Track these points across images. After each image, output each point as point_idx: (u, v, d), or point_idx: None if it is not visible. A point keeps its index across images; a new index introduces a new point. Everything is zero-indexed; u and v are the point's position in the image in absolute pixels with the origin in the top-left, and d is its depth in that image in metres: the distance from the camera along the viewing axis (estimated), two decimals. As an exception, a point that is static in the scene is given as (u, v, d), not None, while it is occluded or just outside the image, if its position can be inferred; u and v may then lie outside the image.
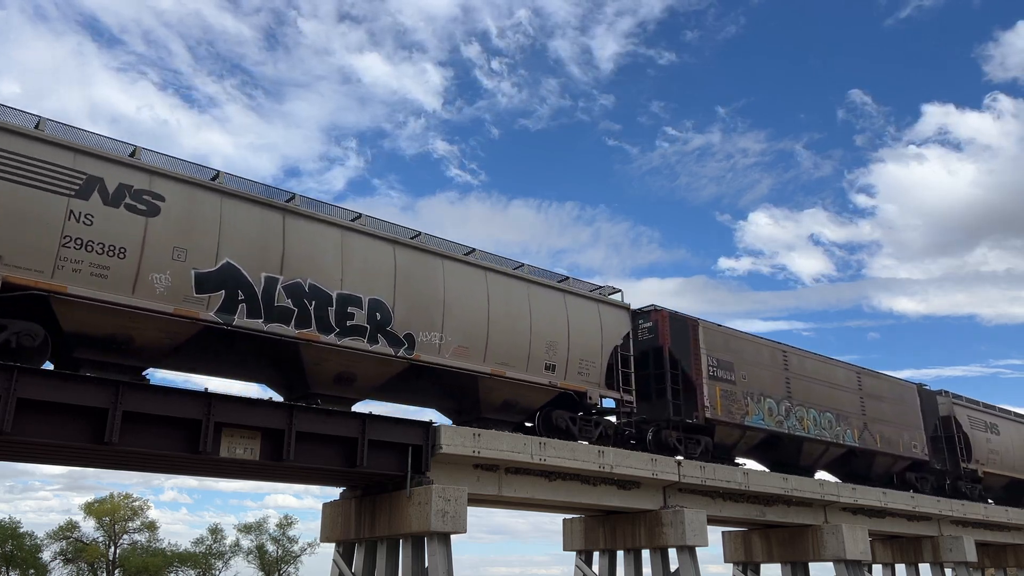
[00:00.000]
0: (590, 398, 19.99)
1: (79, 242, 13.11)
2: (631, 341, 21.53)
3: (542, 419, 19.62)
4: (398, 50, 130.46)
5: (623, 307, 21.71)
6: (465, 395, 18.74)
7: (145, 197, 14.05)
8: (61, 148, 13.34)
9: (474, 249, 19.09)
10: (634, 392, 21.00)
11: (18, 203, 12.66)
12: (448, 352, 17.44)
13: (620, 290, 22.05)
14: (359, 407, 16.91)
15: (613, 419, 21.17)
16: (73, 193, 13.21)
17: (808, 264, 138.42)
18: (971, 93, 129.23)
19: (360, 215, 17.43)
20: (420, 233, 18.22)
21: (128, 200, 13.83)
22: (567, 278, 21.00)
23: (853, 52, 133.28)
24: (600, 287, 21.81)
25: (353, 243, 16.68)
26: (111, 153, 14.02)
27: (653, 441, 21.98)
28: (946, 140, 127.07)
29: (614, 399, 20.84)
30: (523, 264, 20.09)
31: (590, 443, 19.84)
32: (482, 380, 18.14)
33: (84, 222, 13.20)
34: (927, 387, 31.41)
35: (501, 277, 19.04)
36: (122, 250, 13.55)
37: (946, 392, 32.31)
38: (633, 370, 21.24)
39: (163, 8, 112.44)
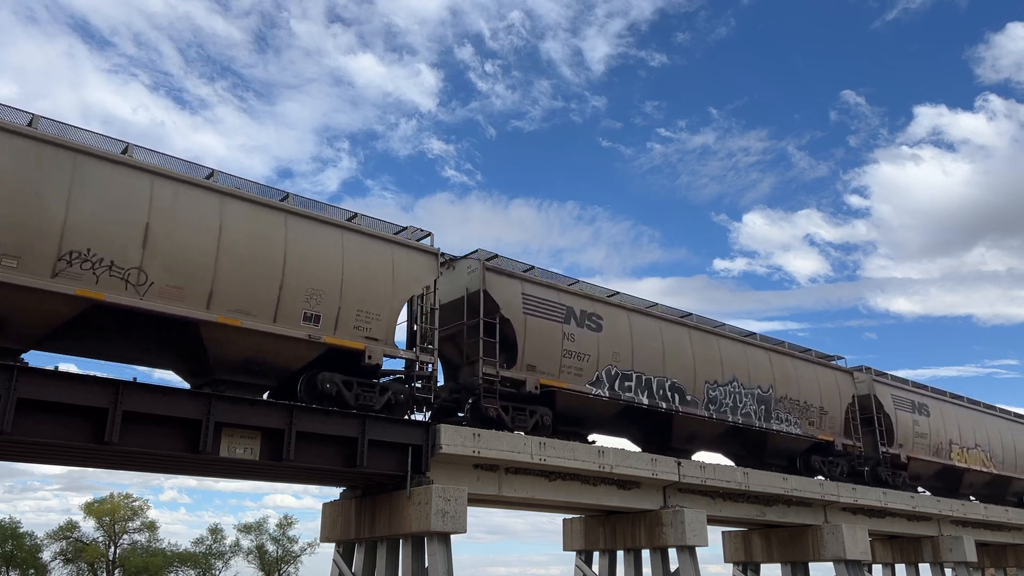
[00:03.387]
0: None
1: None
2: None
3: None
4: (388, 52, 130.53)
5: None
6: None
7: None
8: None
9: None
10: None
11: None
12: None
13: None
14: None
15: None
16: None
17: (804, 264, 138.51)
18: (963, 94, 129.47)
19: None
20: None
21: None
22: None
23: (843, 54, 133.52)
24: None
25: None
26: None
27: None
28: (939, 141, 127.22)
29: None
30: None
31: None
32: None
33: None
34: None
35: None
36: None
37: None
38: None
39: (153, 11, 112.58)
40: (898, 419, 28.88)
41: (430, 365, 17.46)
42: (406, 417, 16.99)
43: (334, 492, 19.36)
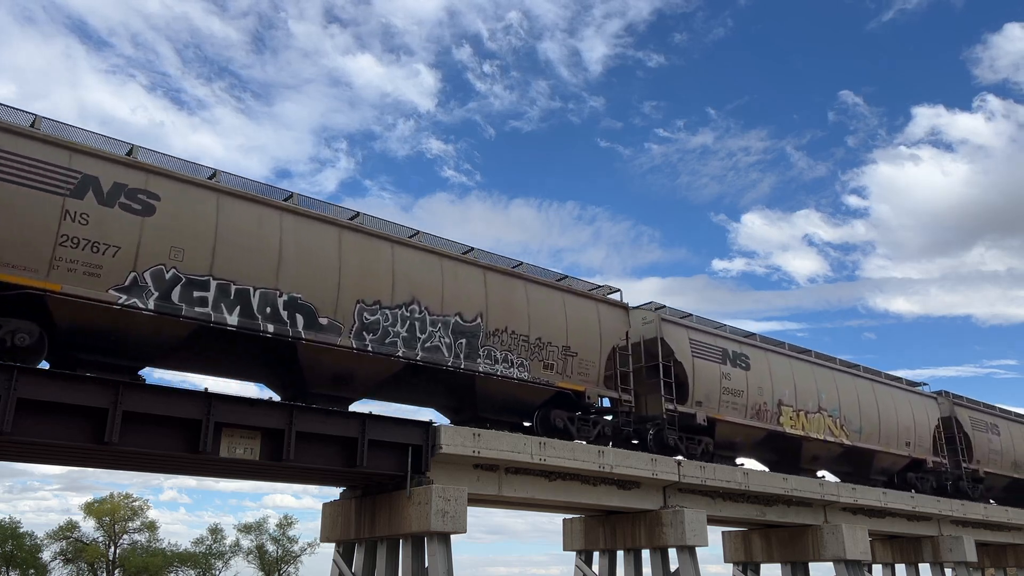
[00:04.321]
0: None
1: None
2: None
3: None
4: (385, 53, 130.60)
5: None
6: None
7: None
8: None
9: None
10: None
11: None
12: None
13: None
14: (356, 407, 16.92)
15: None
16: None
17: (803, 265, 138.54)
18: (961, 95, 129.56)
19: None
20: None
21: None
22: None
23: (840, 54, 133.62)
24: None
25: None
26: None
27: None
28: (938, 141, 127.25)
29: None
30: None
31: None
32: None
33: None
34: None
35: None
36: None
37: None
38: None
39: (150, 11, 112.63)
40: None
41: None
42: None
43: (334, 492, 19.41)
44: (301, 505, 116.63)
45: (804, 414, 25.56)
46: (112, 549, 58.64)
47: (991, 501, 33.74)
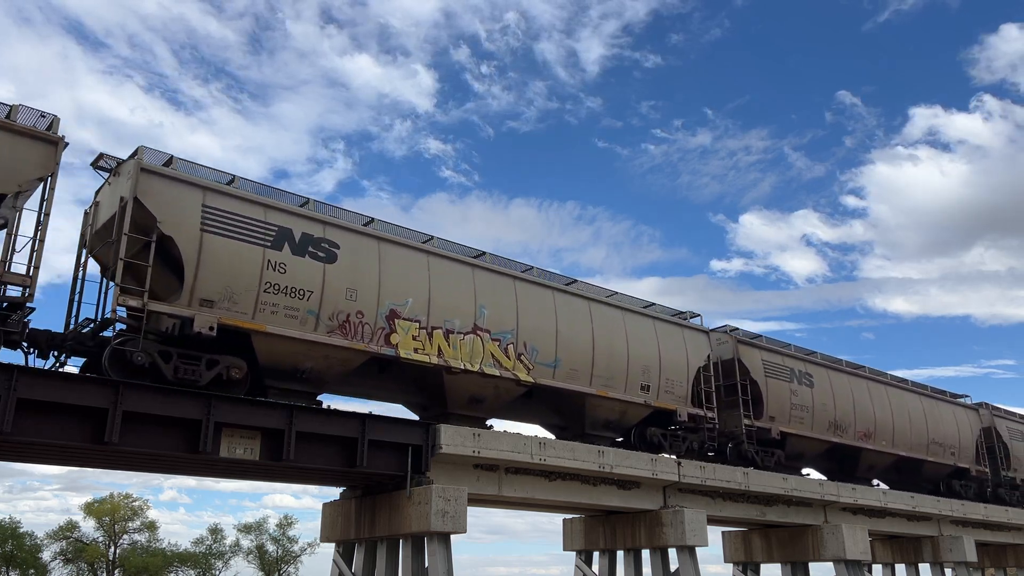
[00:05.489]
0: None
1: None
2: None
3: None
4: (382, 54, 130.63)
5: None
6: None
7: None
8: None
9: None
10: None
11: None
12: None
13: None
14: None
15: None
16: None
17: (801, 265, 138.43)
18: (958, 95, 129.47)
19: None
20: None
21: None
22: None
23: (838, 55, 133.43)
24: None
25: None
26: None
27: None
28: (935, 141, 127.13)
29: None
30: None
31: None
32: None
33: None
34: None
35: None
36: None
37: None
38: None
39: (147, 12, 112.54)
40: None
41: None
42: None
43: (334, 492, 19.43)
44: (301, 505, 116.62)
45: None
46: (112, 549, 58.64)
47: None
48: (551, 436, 20.93)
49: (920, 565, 31.18)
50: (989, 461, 33.38)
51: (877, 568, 32.13)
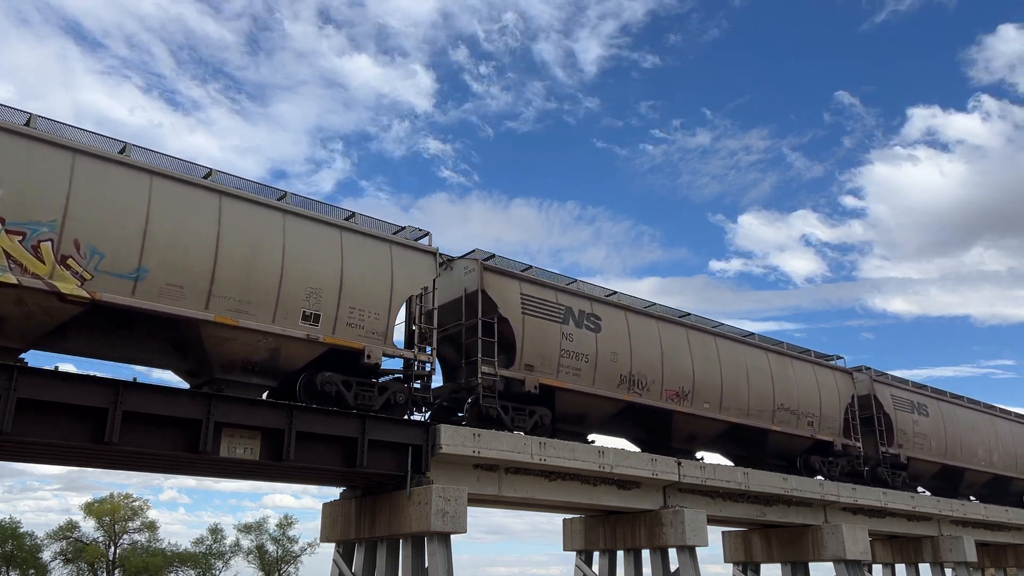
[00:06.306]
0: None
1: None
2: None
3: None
4: (380, 55, 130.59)
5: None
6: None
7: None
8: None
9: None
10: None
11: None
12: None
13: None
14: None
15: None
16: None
17: (800, 265, 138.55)
18: (956, 96, 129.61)
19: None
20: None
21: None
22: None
23: (836, 55, 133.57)
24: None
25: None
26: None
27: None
28: (934, 142, 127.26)
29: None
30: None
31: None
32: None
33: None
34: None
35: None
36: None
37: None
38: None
39: (145, 13, 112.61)
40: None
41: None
42: (406, 417, 17.03)
43: (334, 492, 19.36)
44: (301, 505, 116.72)
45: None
46: (112, 549, 58.68)
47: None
48: (183, 383, 16.35)
49: (920, 565, 31.17)
50: (865, 435, 27.77)
51: (877, 568, 32.14)
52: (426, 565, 16.42)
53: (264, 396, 15.97)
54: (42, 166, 13.13)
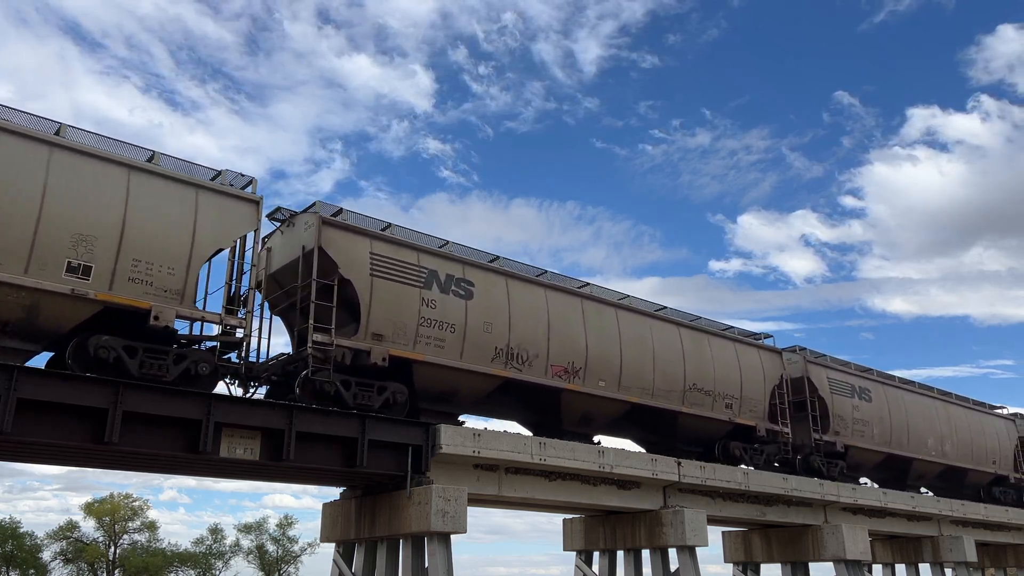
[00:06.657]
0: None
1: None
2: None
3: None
4: (379, 55, 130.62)
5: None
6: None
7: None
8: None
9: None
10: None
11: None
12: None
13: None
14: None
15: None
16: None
17: (800, 265, 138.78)
18: (955, 96, 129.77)
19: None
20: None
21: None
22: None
23: (835, 55, 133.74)
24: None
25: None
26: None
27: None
28: (933, 142, 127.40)
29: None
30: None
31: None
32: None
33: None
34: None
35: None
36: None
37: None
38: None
39: (144, 13, 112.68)
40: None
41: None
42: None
43: (334, 492, 19.36)
44: (301, 505, 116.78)
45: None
46: (112, 549, 58.67)
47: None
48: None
49: (920, 565, 31.16)
50: (799, 421, 26.00)
51: (877, 568, 32.12)
52: (426, 565, 16.42)
53: (44, 364, 14.26)
54: None
